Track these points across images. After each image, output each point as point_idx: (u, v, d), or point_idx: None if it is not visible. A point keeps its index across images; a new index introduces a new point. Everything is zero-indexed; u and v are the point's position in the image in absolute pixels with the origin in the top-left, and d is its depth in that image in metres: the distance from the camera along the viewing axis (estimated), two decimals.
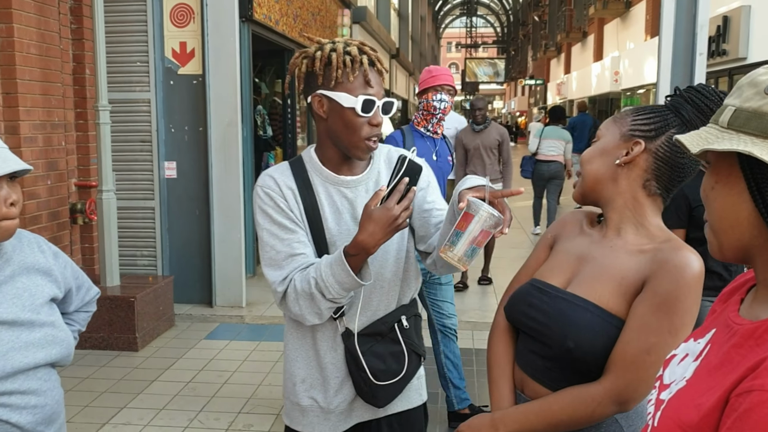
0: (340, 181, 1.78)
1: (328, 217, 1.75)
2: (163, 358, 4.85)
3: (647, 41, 17.78)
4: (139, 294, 5.00)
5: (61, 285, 1.69)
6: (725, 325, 0.95)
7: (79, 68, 5.38)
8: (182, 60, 5.85)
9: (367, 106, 1.66)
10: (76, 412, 3.90)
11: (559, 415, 1.37)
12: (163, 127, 5.91)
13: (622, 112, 1.49)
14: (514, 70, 51.88)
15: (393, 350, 1.79)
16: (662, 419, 0.95)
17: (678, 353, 1.03)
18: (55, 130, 5.07)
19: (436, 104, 3.77)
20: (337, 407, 1.81)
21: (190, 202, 5.98)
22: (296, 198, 1.74)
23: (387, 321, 1.80)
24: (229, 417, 3.86)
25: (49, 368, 1.60)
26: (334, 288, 1.62)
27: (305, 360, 1.82)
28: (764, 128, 0.85)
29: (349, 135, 1.70)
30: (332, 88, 1.68)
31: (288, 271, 1.70)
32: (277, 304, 1.75)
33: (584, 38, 27.14)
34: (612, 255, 1.44)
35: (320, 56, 1.68)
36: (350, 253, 1.59)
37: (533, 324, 1.48)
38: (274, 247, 1.72)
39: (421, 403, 1.94)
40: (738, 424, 0.80)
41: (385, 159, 1.86)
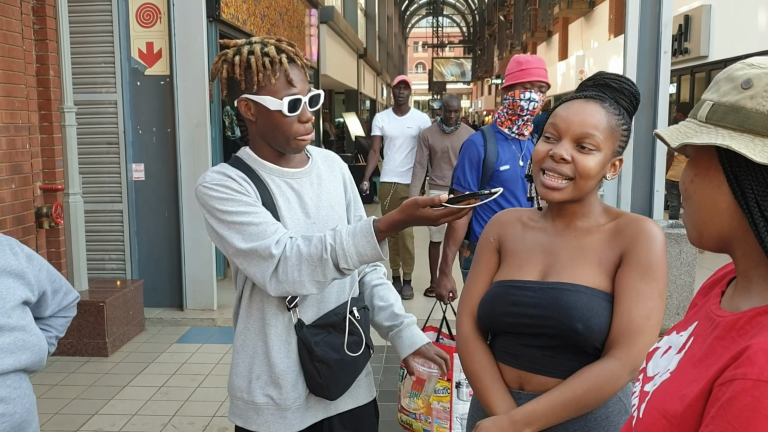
0: (285, 173, 1.80)
1: (281, 205, 1.76)
2: (134, 363, 4.78)
3: (611, 40, 18.04)
4: (108, 298, 4.91)
5: (35, 288, 1.64)
6: (707, 317, 0.97)
7: (42, 69, 5.26)
8: (149, 60, 5.77)
9: (293, 105, 1.68)
10: (45, 420, 3.81)
11: (586, 399, 1.41)
12: (131, 129, 5.82)
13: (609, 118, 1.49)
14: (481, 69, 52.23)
15: (349, 340, 1.80)
16: (647, 410, 0.96)
17: (661, 346, 1.05)
18: (18, 132, 4.95)
19: (523, 104, 3.22)
20: (293, 403, 1.79)
21: (159, 205, 5.90)
22: (250, 185, 1.73)
23: (339, 312, 1.81)
24: (204, 421, 3.82)
25: (20, 374, 1.55)
26: (352, 258, 1.60)
27: (260, 356, 1.80)
28: (741, 122, 0.87)
29: (280, 135, 1.72)
30: (256, 92, 1.69)
31: (278, 235, 1.66)
32: (267, 276, 1.64)
33: (549, 37, 27.45)
34: (579, 240, 1.54)
35: (239, 61, 1.68)
36: (380, 228, 1.60)
37: (525, 320, 1.50)
38: (251, 222, 1.66)
39: (372, 399, 1.96)
40: (721, 412, 0.81)
41: (322, 157, 1.93)
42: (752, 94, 0.87)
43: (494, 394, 1.51)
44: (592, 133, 1.46)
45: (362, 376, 1.90)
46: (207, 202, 1.70)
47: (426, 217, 1.54)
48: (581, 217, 1.56)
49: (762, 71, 0.88)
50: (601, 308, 1.45)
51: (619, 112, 1.51)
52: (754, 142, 0.86)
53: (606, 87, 1.53)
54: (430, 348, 1.93)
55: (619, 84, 1.54)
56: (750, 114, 0.87)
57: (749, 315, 0.89)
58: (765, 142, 0.86)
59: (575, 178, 1.48)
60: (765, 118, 0.86)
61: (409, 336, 1.93)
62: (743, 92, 0.88)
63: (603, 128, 1.47)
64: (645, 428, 0.95)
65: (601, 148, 1.47)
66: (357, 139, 16.72)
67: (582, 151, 1.47)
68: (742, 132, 0.87)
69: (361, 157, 15.43)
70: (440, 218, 1.54)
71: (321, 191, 1.84)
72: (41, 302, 1.70)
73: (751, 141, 0.86)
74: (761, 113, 0.86)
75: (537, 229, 1.62)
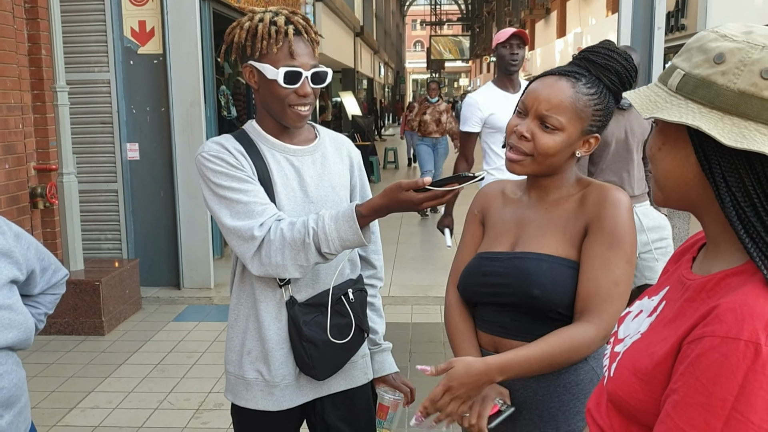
0: (287, 149, 1.79)
1: (277, 181, 1.75)
2: (130, 341, 4.81)
3: (609, 17, 17.92)
4: (104, 278, 4.94)
5: (23, 267, 1.66)
6: (679, 281, 0.99)
7: (34, 49, 5.24)
8: (142, 39, 5.74)
9: (290, 77, 1.67)
10: (42, 398, 3.86)
11: (560, 357, 1.43)
12: (124, 108, 5.81)
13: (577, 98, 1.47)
14: (479, 47, 51.93)
15: (337, 322, 1.78)
16: (618, 369, 0.99)
17: (632, 310, 1.07)
18: (11, 112, 4.95)
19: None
20: (282, 380, 1.79)
21: (154, 184, 5.91)
22: (246, 159, 1.73)
23: (334, 293, 1.79)
24: (200, 397, 3.86)
25: (6, 351, 1.57)
26: (334, 243, 1.60)
27: (251, 331, 1.79)
28: (712, 98, 0.87)
29: (276, 105, 1.72)
30: (258, 59, 1.70)
31: (264, 217, 1.65)
32: (247, 257, 1.66)
33: (547, 15, 27.26)
34: (549, 212, 1.57)
35: (249, 27, 1.70)
36: (362, 213, 1.59)
37: (493, 289, 1.56)
38: (240, 200, 1.66)
39: (367, 381, 1.94)
40: (690, 369, 0.84)
41: (332, 140, 1.91)
42: (724, 70, 0.86)
43: (463, 351, 1.59)
44: (554, 113, 1.46)
45: (357, 358, 1.89)
46: (203, 172, 1.71)
47: (409, 200, 1.53)
48: (554, 189, 1.58)
49: (735, 45, 0.87)
50: (562, 275, 1.48)
51: (596, 90, 1.48)
52: (723, 121, 0.86)
53: (591, 62, 1.51)
54: (396, 377, 1.99)
55: (605, 61, 1.49)
56: (720, 90, 0.87)
57: (718, 277, 0.91)
58: (733, 120, 0.86)
59: (534, 155, 1.49)
60: (735, 96, 0.86)
61: (380, 361, 1.98)
62: (715, 66, 0.87)
63: (567, 108, 1.46)
64: (616, 387, 0.98)
65: (565, 128, 1.47)
66: (354, 118, 16.66)
67: (545, 129, 1.47)
68: (712, 108, 0.87)
69: (358, 137, 15.40)
70: (423, 202, 1.53)
71: (323, 171, 1.82)
72: (30, 280, 1.72)
73: (720, 119, 0.86)
74: (732, 91, 0.86)
75: (515, 201, 1.66)
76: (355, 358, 1.88)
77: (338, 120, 19.01)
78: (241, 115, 8.74)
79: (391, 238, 8.20)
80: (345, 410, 1.89)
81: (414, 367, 4.15)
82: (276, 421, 1.83)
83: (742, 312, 0.82)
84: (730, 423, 0.80)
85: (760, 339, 0.79)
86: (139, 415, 3.65)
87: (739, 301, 0.83)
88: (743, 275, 0.88)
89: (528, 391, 1.52)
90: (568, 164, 1.57)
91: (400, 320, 5.06)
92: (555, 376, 1.50)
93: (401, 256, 7.34)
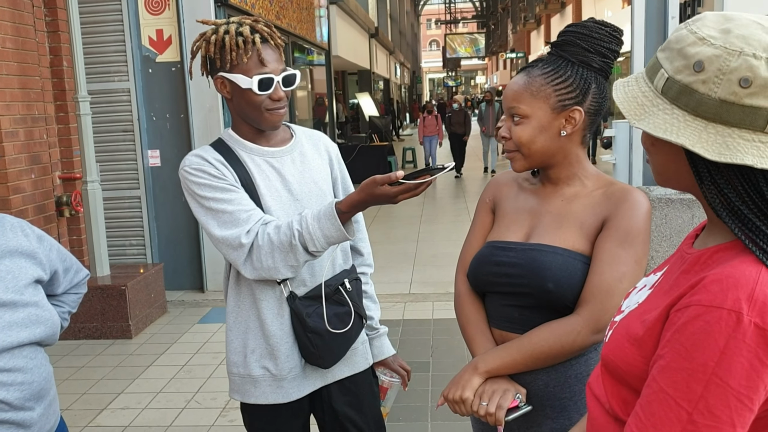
0: (265, 151, 1.85)
1: (260, 184, 1.80)
2: (157, 344, 4.91)
3: (624, 8, 17.79)
4: (129, 282, 5.04)
5: (46, 267, 1.73)
6: (679, 257, 1.03)
7: (56, 60, 5.36)
8: (159, 48, 5.85)
9: (263, 84, 1.73)
10: (74, 400, 3.96)
11: (540, 346, 1.45)
12: (145, 116, 5.92)
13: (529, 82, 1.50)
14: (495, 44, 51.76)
15: (338, 311, 1.84)
16: (613, 335, 1.04)
17: (638, 286, 1.11)
18: (36, 123, 5.07)
19: None
20: (289, 373, 1.84)
21: (175, 189, 6.00)
22: (227, 168, 1.78)
23: (330, 284, 1.84)
24: (226, 396, 3.93)
25: (35, 347, 1.64)
26: (319, 241, 1.66)
27: (253, 330, 1.84)
28: (695, 107, 0.90)
29: (252, 112, 1.77)
30: (229, 70, 1.75)
31: (250, 224, 1.72)
32: (239, 263, 1.73)
33: (563, 9, 27.12)
34: (566, 205, 1.57)
35: (215, 40, 1.75)
36: (342, 210, 1.65)
37: (505, 279, 1.55)
38: (225, 210, 1.72)
39: (368, 366, 2.01)
40: (676, 336, 0.88)
41: (307, 136, 1.97)
42: (704, 79, 0.88)
43: (476, 342, 1.59)
44: (514, 105, 1.51)
45: (358, 344, 1.95)
46: (187, 186, 1.77)
47: (384, 194, 1.58)
48: (567, 181, 1.58)
49: (713, 52, 0.88)
50: (576, 269, 1.48)
51: (552, 68, 1.49)
52: (707, 130, 0.89)
53: (554, 46, 1.54)
54: (394, 360, 2.07)
55: (563, 38, 1.52)
56: (703, 99, 0.89)
57: (712, 251, 0.95)
58: (717, 129, 0.88)
59: (519, 149, 1.53)
60: (717, 105, 0.88)
61: (378, 346, 2.06)
62: (696, 75, 0.89)
63: (524, 94, 1.50)
64: (609, 351, 1.03)
65: (529, 114, 1.50)
66: (371, 119, 16.72)
67: (515, 122, 1.52)
68: (696, 117, 0.90)
69: (375, 137, 15.44)
70: (398, 195, 1.58)
71: (304, 168, 1.88)
72: (53, 280, 1.79)
73: (704, 129, 0.89)
74: (713, 99, 0.88)
75: (529, 191, 1.65)
76: (356, 344, 1.94)
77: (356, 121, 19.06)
78: None
79: (411, 236, 8.24)
80: (351, 396, 1.95)
81: (435, 363, 4.19)
82: (286, 413, 1.89)
83: (727, 283, 0.86)
84: (710, 387, 0.84)
85: (742, 308, 0.83)
86: (168, 415, 3.74)
87: (726, 273, 0.87)
88: (734, 249, 0.92)
89: (539, 384, 1.52)
90: (566, 149, 1.54)
91: (422, 317, 5.10)
92: (566, 368, 1.51)
93: (421, 254, 7.37)
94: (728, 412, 0.83)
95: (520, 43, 39.68)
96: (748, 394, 0.83)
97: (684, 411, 0.85)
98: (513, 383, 1.50)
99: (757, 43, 0.87)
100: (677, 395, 0.86)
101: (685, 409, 0.85)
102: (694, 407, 0.85)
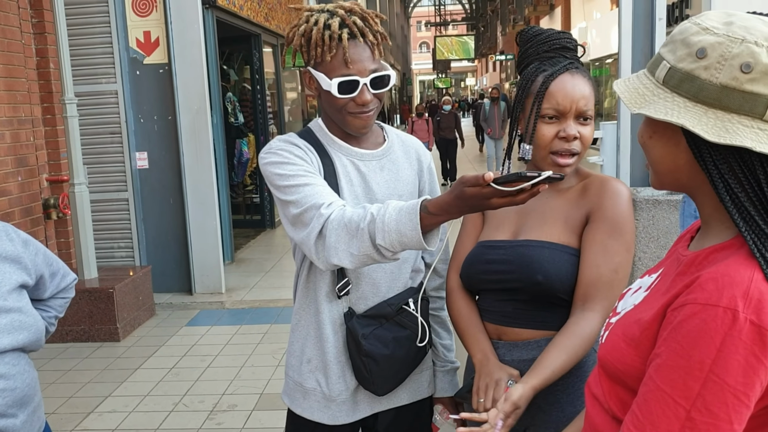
0: (354, 153, 1.70)
1: (344, 187, 1.65)
2: (145, 346, 4.89)
3: (613, 10, 17.88)
4: (117, 285, 5.02)
5: (32, 272, 1.71)
6: (675, 259, 1.04)
7: (43, 62, 5.34)
8: (147, 49, 5.82)
9: (344, 88, 1.57)
10: (60, 404, 3.93)
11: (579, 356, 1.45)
12: (132, 118, 5.90)
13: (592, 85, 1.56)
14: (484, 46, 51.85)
15: (398, 335, 1.67)
16: (609, 336, 1.05)
17: (632, 287, 1.12)
18: (22, 125, 5.04)
19: None
20: (339, 395, 1.70)
21: (163, 192, 5.99)
22: (316, 157, 1.64)
23: (393, 303, 1.68)
24: (213, 399, 3.92)
25: (18, 353, 1.62)
26: (390, 236, 1.38)
27: (312, 339, 1.72)
28: (696, 93, 0.91)
29: (335, 114, 1.64)
30: (314, 66, 1.62)
31: (334, 198, 1.53)
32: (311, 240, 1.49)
33: (551, 11, 27.22)
34: (549, 201, 1.61)
35: (303, 31, 1.61)
36: (429, 209, 1.35)
37: (497, 276, 1.58)
38: (308, 184, 1.54)
39: (428, 396, 1.83)
40: (672, 334, 0.89)
41: (401, 142, 1.80)
42: (706, 65, 0.90)
43: (475, 339, 1.61)
44: (589, 106, 1.53)
45: (421, 370, 1.79)
46: (266, 168, 1.61)
47: (475, 196, 1.27)
48: None
49: (716, 40, 0.90)
50: (564, 261, 1.52)
51: (588, 74, 1.57)
52: (707, 115, 0.90)
53: (566, 50, 1.57)
54: (457, 403, 1.85)
55: (572, 43, 1.58)
56: (704, 85, 0.90)
57: (707, 252, 0.96)
58: (717, 114, 0.89)
59: (580, 152, 1.55)
60: (718, 91, 0.89)
61: (443, 380, 1.85)
62: (698, 61, 0.91)
63: (592, 97, 1.55)
64: (606, 352, 1.03)
65: (593, 116, 1.56)
66: None
67: (583, 123, 1.54)
68: (696, 102, 0.91)
69: None
70: (493, 198, 1.26)
71: (391, 178, 1.71)
72: (39, 285, 1.77)
73: (704, 114, 0.90)
74: (714, 85, 0.89)
75: None
76: (419, 369, 1.78)
77: None
78: (249, 122, 8.82)
79: None
80: (406, 425, 1.79)
81: None
82: None
83: (722, 281, 0.86)
84: (708, 385, 0.84)
85: (738, 306, 0.84)
86: (155, 418, 3.72)
87: (721, 271, 0.88)
88: (729, 249, 0.93)
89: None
90: None
91: None
92: None
93: None
94: (725, 410, 0.84)
95: (509, 45, 39.75)
96: (745, 390, 0.84)
97: (682, 408, 0.86)
98: (503, 368, 1.53)
99: (759, 33, 0.89)
100: (674, 393, 0.87)
101: (682, 406, 0.86)
102: (692, 405, 0.85)
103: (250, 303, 5.76)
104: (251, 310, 5.61)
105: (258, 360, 4.48)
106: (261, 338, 4.90)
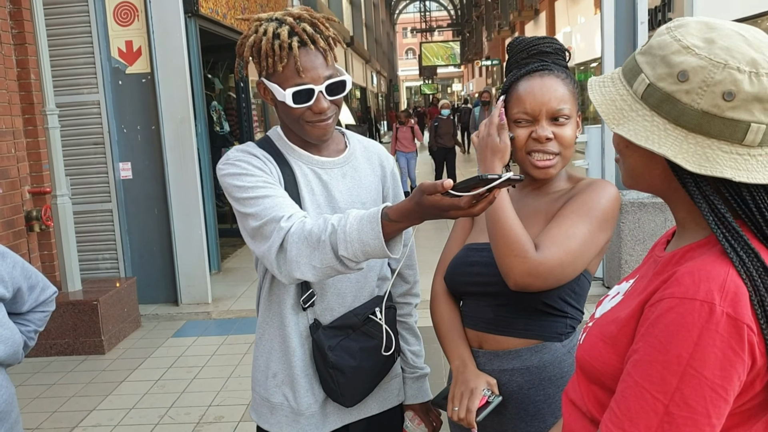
0: (315, 161, 1.66)
1: (305, 197, 1.62)
2: (130, 359, 4.83)
3: (597, 14, 18.00)
4: (101, 297, 4.96)
5: (9, 285, 1.68)
6: (652, 261, 1.04)
7: (23, 73, 5.29)
8: (129, 59, 5.79)
9: (299, 98, 1.53)
10: (44, 419, 3.87)
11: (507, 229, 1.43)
12: (115, 128, 5.85)
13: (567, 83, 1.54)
14: (470, 51, 52.08)
15: (365, 345, 1.66)
16: (587, 336, 1.04)
17: (610, 293, 1.12)
18: (3, 137, 4.99)
19: None
20: (308, 409, 1.68)
21: (148, 202, 5.94)
22: (274, 167, 1.60)
23: (359, 313, 1.67)
24: (200, 411, 3.88)
25: None
26: (352, 246, 1.35)
27: (276, 353, 1.68)
28: (677, 116, 0.90)
29: (293, 124, 1.60)
30: (267, 77, 1.58)
31: (294, 210, 1.50)
32: (272, 254, 1.46)
33: (536, 16, 27.37)
34: (536, 203, 1.59)
35: (252, 42, 1.57)
36: (390, 216, 1.32)
37: (478, 279, 1.56)
38: (266, 196, 1.51)
39: (398, 404, 1.82)
40: (650, 329, 0.88)
41: (363, 148, 1.77)
42: (687, 89, 0.88)
43: (449, 341, 1.61)
44: (563, 106, 1.51)
45: (390, 379, 1.77)
46: (224, 180, 1.57)
47: (433, 205, 1.25)
48: (552, 181, 1.59)
49: (698, 63, 0.88)
50: None
51: (566, 74, 1.55)
52: (687, 141, 0.89)
53: (543, 54, 1.56)
54: (428, 409, 1.86)
55: (551, 47, 1.57)
56: (685, 109, 0.89)
57: (683, 251, 0.96)
58: (697, 139, 0.89)
59: (560, 152, 1.53)
60: (698, 116, 0.88)
61: (414, 387, 1.85)
62: (679, 84, 0.89)
63: (568, 97, 1.52)
64: (584, 352, 1.03)
65: (571, 115, 1.53)
66: (348, 127, 16.68)
67: (558, 123, 1.52)
68: (676, 126, 0.90)
69: None
70: (450, 209, 1.24)
71: (353, 185, 1.68)
72: (17, 298, 1.74)
73: (684, 139, 0.89)
74: (696, 110, 0.88)
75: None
76: (388, 378, 1.77)
77: None
78: (234, 130, 8.79)
79: None
80: None
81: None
82: None
83: (699, 275, 0.86)
84: (685, 379, 0.84)
85: (714, 299, 0.84)
86: (141, 431, 3.67)
87: (697, 266, 0.88)
88: (704, 247, 0.93)
89: (513, 386, 1.53)
90: None
91: None
92: (540, 370, 1.51)
93: None
94: (704, 403, 0.84)
95: (495, 51, 39.94)
96: (723, 384, 0.83)
97: (660, 403, 0.85)
98: (480, 376, 1.51)
99: (741, 57, 0.87)
100: (653, 388, 0.86)
101: (660, 401, 0.85)
102: (670, 399, 0.85)
103: (236, 313, 5.72)
104: (238, 320, 5.57)
105: (245, 370, 4.44)
106: (248, 348, 4.86)
